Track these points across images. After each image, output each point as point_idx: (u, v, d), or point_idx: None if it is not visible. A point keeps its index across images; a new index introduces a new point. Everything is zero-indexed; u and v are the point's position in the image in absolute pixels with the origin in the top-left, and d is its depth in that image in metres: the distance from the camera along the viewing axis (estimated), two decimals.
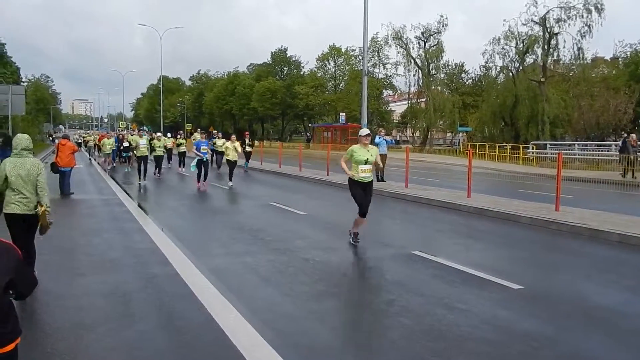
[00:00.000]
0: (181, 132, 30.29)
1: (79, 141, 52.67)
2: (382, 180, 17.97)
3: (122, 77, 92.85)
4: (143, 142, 20.11)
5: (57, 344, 4.42)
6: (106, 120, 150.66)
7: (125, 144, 26.95)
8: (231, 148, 18.45)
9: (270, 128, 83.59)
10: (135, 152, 22.96)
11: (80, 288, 6.05)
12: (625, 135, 24.72)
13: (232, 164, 18.45)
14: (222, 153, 22.71)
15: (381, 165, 8.02)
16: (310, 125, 74.65)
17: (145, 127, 76.92)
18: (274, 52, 77.10)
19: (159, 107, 72.18)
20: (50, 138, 73.31)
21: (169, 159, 28.45)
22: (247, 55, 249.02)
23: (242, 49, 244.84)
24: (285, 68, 77.06)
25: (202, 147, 17.43)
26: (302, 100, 65.35)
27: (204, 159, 17.30)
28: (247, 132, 31.33)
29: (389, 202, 14.50)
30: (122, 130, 64.75)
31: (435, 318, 5.11)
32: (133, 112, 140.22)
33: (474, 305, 5.47)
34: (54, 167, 15.35)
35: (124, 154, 27.23)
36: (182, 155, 26.46)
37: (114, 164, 27.18)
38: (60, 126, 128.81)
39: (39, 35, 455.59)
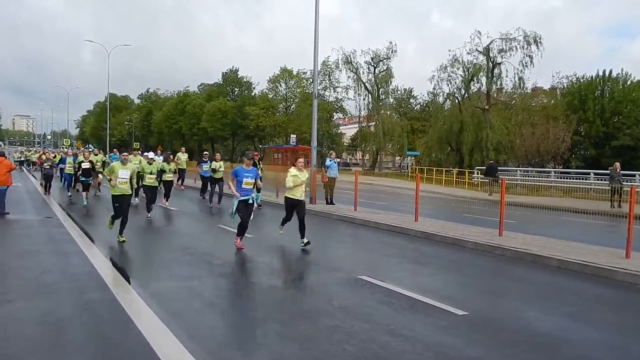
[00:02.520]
0: (162, 151, 19.98)
1: (21, 159, 50.31)
2: (332, 203, 18.00)
3: (68, 93, 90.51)
4: (125, 173, 10.68)
5: None
6: (49, 137, 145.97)
7: (85, 165, 18.77)
8: (301, 181, 10.84)
9: (220, 148, 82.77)
10: (98, 178, 18.88)
11: (8, 315, 5.69)
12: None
13: (301, 207, 10.93)
14: (218, 181, 18.16)
15: None
16: (260, 146, 74.36)
17: (90, 145, 74.67)
18: (225, 72, 76.91)
19: (106, 124, 70.39)
20: None
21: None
22: (200, 75, 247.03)
23: (195, 68, 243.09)
24: (236, 89, 76.86)
25: (245, 179, 9.99)
26: (252, 121, 65.12)
27: (250, 201, 10.24)
28: (256, 153, 24.02)
29: (337, 225, 14.49)
30: (67, 147, 62.52)
31: (379, 345, 5.05)
32: (78, 129, 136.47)
33: (419, 332, 5.46)
34: None
35: (82, 179, 18.84)
36: (168, 185, 17.83)
37: (69, 193, 20.77)
38: None
39: None
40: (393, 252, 10.47)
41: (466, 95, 48.02)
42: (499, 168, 36.83)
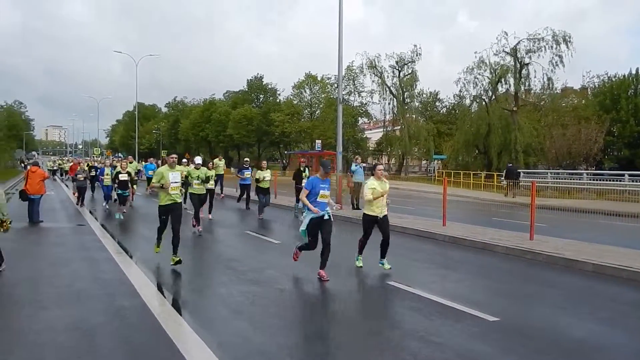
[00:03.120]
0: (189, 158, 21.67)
1: (54, 168, 51.18)
2: (358, 208, 17.94)
3: (98, 103, 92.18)
4: (176, 176, 9.40)
5: None
6: (80, 146, 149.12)
7: (123, 177, 17.25)
8: (381, 193, 8.93)
9: (246, 155, 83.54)
10: (133, 188, 18.88)
11: (42, 322, 5.79)
12: None
13: (384, 224, 9.31)
14: (266, 191, 17.61)
15: None
16: (286, 152, 74.70)
17: (120, 154, 76.03)
18: (250, 79, 77.57)
19: (135, 133, 71.67)
20: (23, 165, 71.67)
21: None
22: (226, 83, 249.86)
23: (220, 76, 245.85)
24: (261, 95, 77.43)
25: (322, 191, 8.29)
26: (277, 127, 65.45)
27: (326, 216, 8.34)
28: (303, 160, 21.66)
29: None
30: (97, 155, 63.61)
31: (410, 352, 4.98)
32: (108, 138, 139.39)
33: (449, 339, 5.37)
34: (23, 195, 15.01)
35: (119, 192, 17.33)
36: (210, 194, 16.25)
37: (106, 205, 19.69)
38: (33, 152, 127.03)
39: (15, 60, 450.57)
40: (421, 257, 10.37)
41: (493, 97, 47.40)
42: (522, 171, 36.34)
